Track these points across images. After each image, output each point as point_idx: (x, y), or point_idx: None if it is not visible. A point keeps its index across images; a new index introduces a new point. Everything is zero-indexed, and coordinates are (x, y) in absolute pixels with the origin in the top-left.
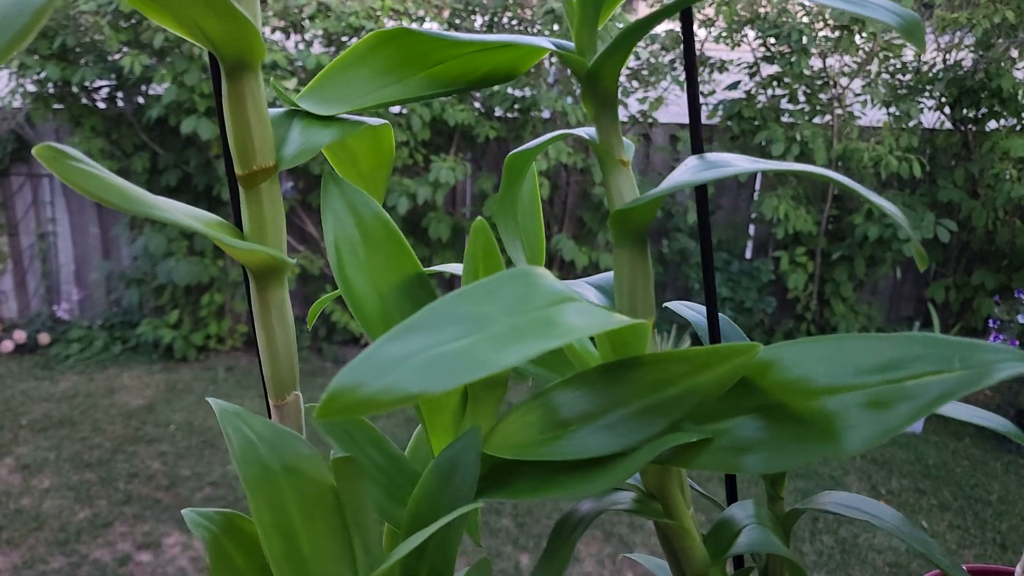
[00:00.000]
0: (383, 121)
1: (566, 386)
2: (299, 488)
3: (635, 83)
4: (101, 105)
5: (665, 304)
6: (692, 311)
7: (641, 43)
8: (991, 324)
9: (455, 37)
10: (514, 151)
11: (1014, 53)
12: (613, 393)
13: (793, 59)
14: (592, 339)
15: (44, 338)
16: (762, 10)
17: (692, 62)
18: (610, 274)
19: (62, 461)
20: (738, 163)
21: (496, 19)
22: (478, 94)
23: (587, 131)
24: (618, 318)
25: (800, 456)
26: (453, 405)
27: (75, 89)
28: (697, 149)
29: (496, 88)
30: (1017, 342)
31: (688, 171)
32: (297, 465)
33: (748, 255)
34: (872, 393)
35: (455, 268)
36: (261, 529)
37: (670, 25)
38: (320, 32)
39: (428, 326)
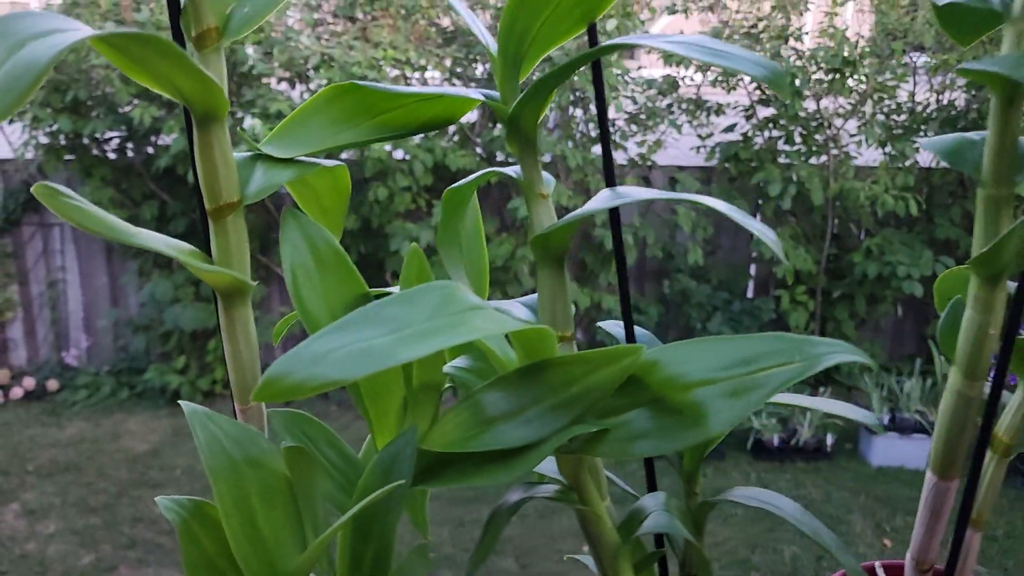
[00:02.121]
0: (336, 162)
1: (490, 388)
2: (260, 477)
3: (633, 127)
4: (112, 156)
5: (599, 324)
6: (617, 328)
7: (638, 88)
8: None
9: (397, 90)
10: (452, 186)
11: None
12: (528, 392)
13: (788, 102)
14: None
15: (52, 384)
16: None
17: (602, 102)
18: (535, 295)
19: (67, 506)
20: (640, 193)
21: None
22: (479, 139)
23: (514, 169)
24: (514, 322)
25: (679, 441)
26: (396, 409)
27: (86, 140)
28: (609, 183)
29: (497, 133)
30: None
31: (600, 200)
32: (258, 458)
33: (750, 294)
34: (731, 384)
35: (395, 290)
36: (223, 511)
37: (667, 70)
38: (324, 82)
39: (353, 326)
